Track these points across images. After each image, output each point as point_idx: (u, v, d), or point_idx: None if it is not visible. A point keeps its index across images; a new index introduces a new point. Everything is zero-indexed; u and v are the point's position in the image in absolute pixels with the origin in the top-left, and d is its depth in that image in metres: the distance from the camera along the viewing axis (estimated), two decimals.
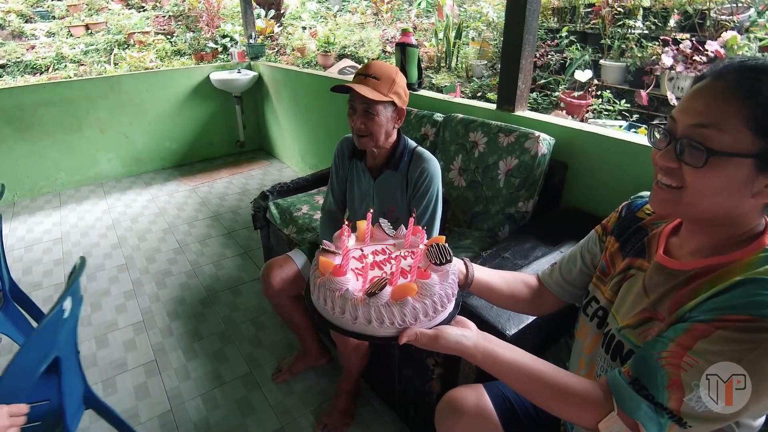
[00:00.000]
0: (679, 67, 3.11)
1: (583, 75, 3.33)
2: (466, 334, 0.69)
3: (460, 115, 1.88)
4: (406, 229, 0.86)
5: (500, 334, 1.07)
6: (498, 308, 1.17)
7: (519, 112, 1.85)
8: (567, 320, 1.34)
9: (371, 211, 0.90)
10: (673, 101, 3.04)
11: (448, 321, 0.73)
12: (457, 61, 4.44)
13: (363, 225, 0.87)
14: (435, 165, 1.44)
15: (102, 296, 2.35)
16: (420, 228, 0.86)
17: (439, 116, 1.99)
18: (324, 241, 0.84)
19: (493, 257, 1.47)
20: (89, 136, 3.74)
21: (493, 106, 1.95)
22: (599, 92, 3.36)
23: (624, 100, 3.23)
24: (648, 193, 0.79)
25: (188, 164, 4.26)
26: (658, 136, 0.65)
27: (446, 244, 0.80)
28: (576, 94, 3.47)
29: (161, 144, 4.10)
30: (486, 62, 4.16)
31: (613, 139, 1.54)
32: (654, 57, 3.27)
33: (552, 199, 1.71)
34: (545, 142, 1.61)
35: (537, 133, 1.62)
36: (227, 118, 4.34)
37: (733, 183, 0.58)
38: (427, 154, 1.46)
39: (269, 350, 1.95)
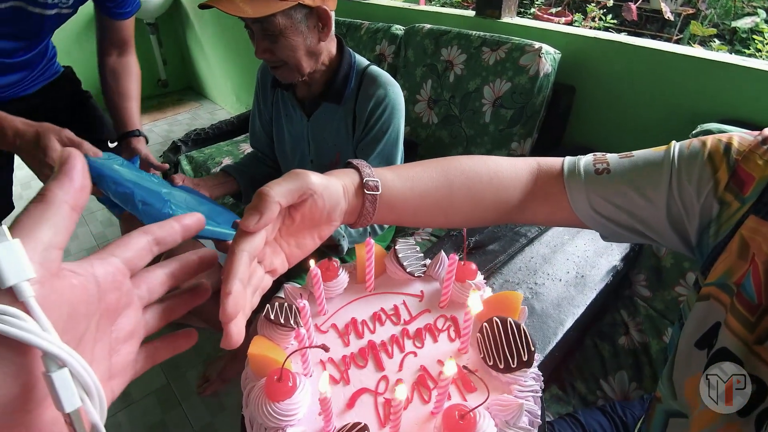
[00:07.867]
0: None
1: None
2: None
3: (428, 26, 1.38)
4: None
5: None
6: None
7: (507, 19, 1.37)
8: (593, 318, 0.96)
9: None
10: (668, 14, 2.62)
11: None
12: None
13: (362, 252, 0.48)
14: (395, 91, 0.98)
15: None
16: (472, 266, 0.48)
17: (399, 29, 1.48)
18: (286, 286, 0.50)
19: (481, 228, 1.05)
20: None
21: (472, 13, 1.45)
22: (582, 6, 2.87)
23: (610, 15, 2.76)
24: None
25: None
26: None
27: (522, 323, 0.42)
28: (554, 10, 2.98)
29: None
30: None
31: (646, 49, 1.11)
32: None
33: (553, 137, 1.29)
34: (549, 57, 1.15)
35: (537, 45, 1.16)
36: (143, 52, 3.55)
37: None
38: (385, 76, 0.99)
39: (195, 350, 1.51)
